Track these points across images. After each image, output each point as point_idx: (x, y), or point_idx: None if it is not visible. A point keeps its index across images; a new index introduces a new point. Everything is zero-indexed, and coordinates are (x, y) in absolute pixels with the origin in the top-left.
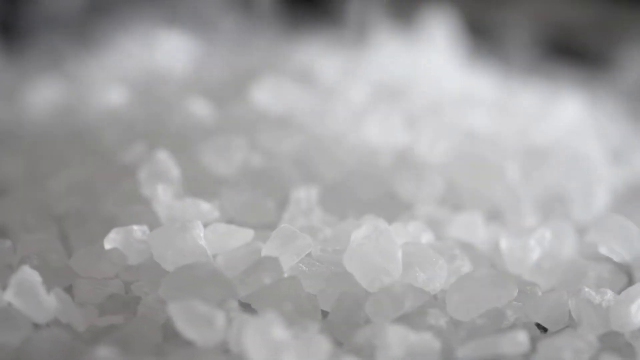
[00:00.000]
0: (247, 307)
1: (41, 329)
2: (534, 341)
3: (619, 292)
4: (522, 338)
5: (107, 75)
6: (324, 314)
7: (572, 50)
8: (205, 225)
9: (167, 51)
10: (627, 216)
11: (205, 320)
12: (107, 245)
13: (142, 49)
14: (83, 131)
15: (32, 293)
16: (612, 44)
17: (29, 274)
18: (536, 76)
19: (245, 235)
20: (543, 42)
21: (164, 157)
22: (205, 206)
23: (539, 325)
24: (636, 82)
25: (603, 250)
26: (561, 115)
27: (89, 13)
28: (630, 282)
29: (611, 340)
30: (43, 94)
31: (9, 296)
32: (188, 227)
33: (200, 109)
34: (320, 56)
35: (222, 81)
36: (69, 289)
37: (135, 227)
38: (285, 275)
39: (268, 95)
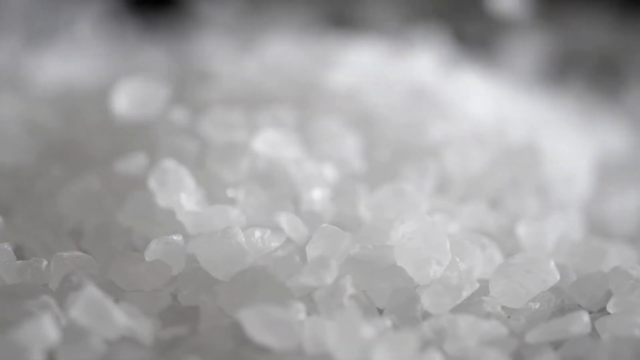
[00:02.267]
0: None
1: (114, 344)
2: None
3: None
4: (586, 319)
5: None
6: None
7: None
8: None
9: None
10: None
11: (282, 325)
12: (149, 257)
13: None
14: (66, 146)
15: (100, 309)
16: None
17: (93, 291)
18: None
19: (279, 237)
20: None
21: (173, 166)
22: (233, 212)
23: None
24: (526, 67)
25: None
26: (523, 105)
27: None
28: None
29: None
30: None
31: (76, 314)
32: (231, 233)
33: (181, 117)
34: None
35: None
36: None
37: (174, 237)
38: None
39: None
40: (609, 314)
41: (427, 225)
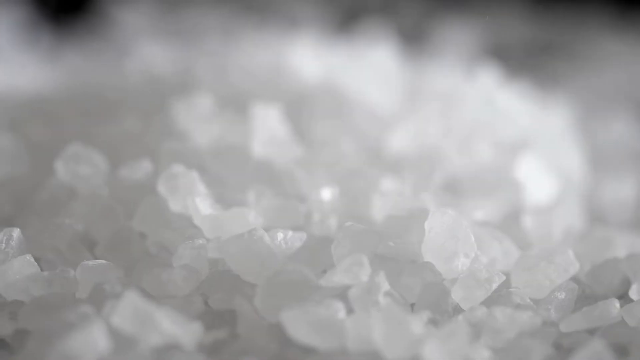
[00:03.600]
0: None
1: (163, 351)
2: None
3: None
4: (618, 306)
5: None
6: None
7: None
8: None
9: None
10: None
11: (325, 324)
12: (176, 262)
13: None
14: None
15: (143, 315)
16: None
17: (134, 297)
18: None
19: (300, 238)
20: None
21: (182, 171)
22: (250, 214)
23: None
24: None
25: None
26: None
27: None
28: None
29: None
30: None
31: (119, 321)
32: (257, 235)
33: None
34: None
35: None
36: None
37: (200, 241)
38: None
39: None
40: (631, 300)
41: (451, 220)
